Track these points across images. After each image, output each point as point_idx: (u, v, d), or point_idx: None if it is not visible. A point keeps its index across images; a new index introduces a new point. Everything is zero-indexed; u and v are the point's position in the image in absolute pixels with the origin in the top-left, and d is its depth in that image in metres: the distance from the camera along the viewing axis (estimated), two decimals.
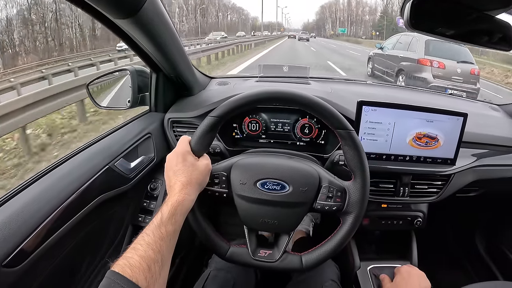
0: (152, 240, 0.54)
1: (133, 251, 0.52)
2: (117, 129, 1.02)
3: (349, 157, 0.73)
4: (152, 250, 0.53)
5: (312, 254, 0.74)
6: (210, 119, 0.72)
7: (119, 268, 0.48)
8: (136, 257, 0.50)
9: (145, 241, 0.54)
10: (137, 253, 0.51)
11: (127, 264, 0.49)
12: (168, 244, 0.56)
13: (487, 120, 1.31)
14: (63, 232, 0.72)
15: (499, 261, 1.47)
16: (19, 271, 0.62)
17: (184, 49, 1.05)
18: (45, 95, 4.37)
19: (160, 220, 0.57)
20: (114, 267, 0.49)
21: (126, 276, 0.47)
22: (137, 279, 0.48)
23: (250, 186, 0.73)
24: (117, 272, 0.48)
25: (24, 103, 3.96)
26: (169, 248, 0.57)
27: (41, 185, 0.74)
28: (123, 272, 0.48)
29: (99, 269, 0.94)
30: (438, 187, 1.07)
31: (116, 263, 0.50)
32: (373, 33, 66.40)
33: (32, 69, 13.61)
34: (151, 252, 0.52)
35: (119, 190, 0.91)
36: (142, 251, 0.52)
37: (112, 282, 0.47)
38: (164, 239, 0.55)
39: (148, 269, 0.50)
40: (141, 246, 0.53)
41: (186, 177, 0.65)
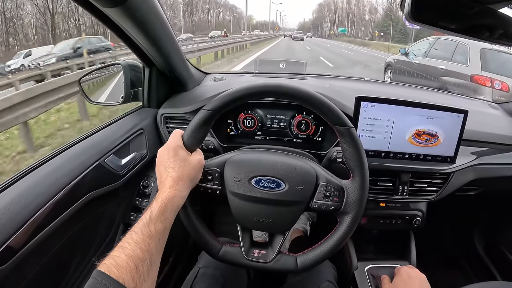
0: (141, 239, 0.51)
1: (120, 250, 0.49)
2: (108, 125, 0.99)
3: (348, 155, 0.71)
4: (140, 249, 0.50)
5: (307, 255, 0.71)
6: (203, 112, 0.69)
7: (105, 268, 0.46)
8: (123, 256, 0.48)
9: (133, 239, 0.51)
10: (125, 252, 0.49)
11: (114, 264, 0.47)
12: (157, 243, 0.54)
13: (487, 118, 1.30)
14: (51, 229, 0.70)
15: (497, 261, 1.45)
16: (5, 270, 0.60)
17: (178, 43, 1.02)
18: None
19: (149, 217, 0.55)
20: (100, 267, 0.47)
21: (112, 276, 0.45)
22: (124, 279, 0.46)
23: (244, 183, 0.70)
24: (103, 272, 0.45)
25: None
26: (158, 247, 0.54)
27: (29, 180, 0.72)
28: (109, 272, 0.45)
29: (89, 268, 0.92)
30: (438, 186, 1.06)
31: (102, 263, 0.47)
32: (376, 33, 60.73)
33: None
34: (139, 251, 0.50)
35: (109, 188, 0.88)
36: (129, 250, 0.49)
37: (98, 282, 0.44)
38: (153, 237, 0.53)
39: (135, 269, 0.48)
40: (129, 244, 0.50)
41: (177, 172, 0.63)
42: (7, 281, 0.61)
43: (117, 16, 0.76)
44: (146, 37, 0.87)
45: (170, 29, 0.93)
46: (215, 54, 13.38)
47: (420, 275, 0.87)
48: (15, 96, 3.78)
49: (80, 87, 1.10)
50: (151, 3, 0.79)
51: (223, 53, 14.60)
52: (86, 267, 0.91)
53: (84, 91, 1.11)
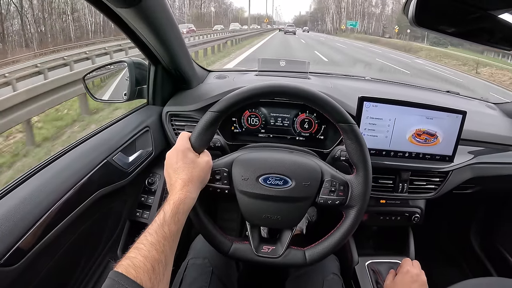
0: (156, 240, 0.53)
1: (136, 251, 0.50)
2: (115, 123, 1.00)
3: (351, 150, 0.73)
4: (156, 250, 0.51)
5: (315, 248, 0.74)
6: (210, 114, 0.71)
7: (123, 269, 0.47)
8: (140, 257, 0.49)
9: (148, 241, 0.52)
10: (141, 253, 0.50)
11: (131, 265, 0.48)
12: (171, 244, 0.55)
13: (484, 118, 1.32)
14: (62, 227, 0.70)
15: (493, 258, 1.48)
16: (17, 269, 0.60)
17: (184, 41, 1.03)
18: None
19: (163, 219, 0.56)
20: (118, 268, 0.48)
21: (130, 277, 0.46)
22: (142, 280, 0.47)
23: (252, 182, 0.72)
24: (121, 273, 0.46)
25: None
26: (172, 248, 0.56)
27: (39, 179, 0.72)
28: (127, 273, 0.46)
29: (97, 264, 0.93)
30: (436, 184, 1.08)
31: (119, 264, 0.48)
32: (396, 30, 51.21)
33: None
34: (155, 252, 0.51)
35: (117, 185, 0.89)
36: (145, 251, 0.51)
37: (116, 283, 0.45)
38: (167, 238, 0.54)
39: (152, 270, 0.49)
40: (144, 246, 0.51)
41: (187, 174, 0.64)
42: (20, 281, 0.62)
43: (129, 17, 0.77)
44: (156, 37, 0.88)
45: (178, 28, 0.94)
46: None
47: (422, 279, 0.89)
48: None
49: (84, 84, 1.10)
50: (163, 4, 0.80)
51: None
52: (95, 264, 0.92)
53: (88, 88, 1.11)
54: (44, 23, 30.55)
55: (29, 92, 3.93)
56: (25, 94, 3.86)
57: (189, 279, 0.84)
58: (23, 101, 3.76)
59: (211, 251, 0.85)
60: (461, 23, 0.72)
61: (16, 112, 3.66)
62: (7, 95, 3.83)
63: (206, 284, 0.82)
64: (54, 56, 11.74)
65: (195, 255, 0.90)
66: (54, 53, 16.08)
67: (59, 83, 4.47)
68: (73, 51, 14.16)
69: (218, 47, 13.58)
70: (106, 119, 4.63)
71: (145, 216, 1.03)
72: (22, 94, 3.84)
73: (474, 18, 0.71)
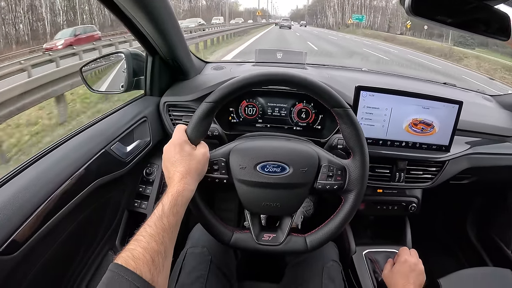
0: (155, 232, 0.53)
1: (136, 243, 0.51)
2: (113, 113, 1.00)
3: (347, 135, 0.73)
4: (155, 241, 0.52)
5: (316, 234, 0.74)
6: (205, 105, 0.71)
7: (123, 261, 0.47)
8: (140, 249, 0.50)
9: (147, 232, 0.53)
10: (140, 245, 0.50)
11: (131, 256, 0.48)
12: (170, 236, 0.56)
13: (481, 109, 1.33)
14: (60, 217, 0.70)
15: (489, 247, 1.50)
16: (15, 259, 0.60)
17: (182, 32, 1.03)
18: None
19: (161, 211, 0.57)
20: (117, 259, 0.48)
21: (129, 268, 0.47)
22: (141, 271, 0.47)
23: (250, 170, 0.72)
24: (121, 265, 0.47)
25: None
26: (171, 240, 0.56)
27: (37, 169, 0.72)
28: (127, 265, 0.47)
29: (96, 254, 0.94)
30: (433, 173, 1.09)
31: (119, 256, 0.49)
32: (408, 25, 41.61)
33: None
34: (154, 244, 0.51)
35: (115, 175, 0.89)
36: (145, 242, 0.51)
37: (116, 274, 0.46)
38: (166, 230, 0.55)
39: (152, 261, 0.49)
40: (144, 238, 0.52)
41: (184, 167, 0.64)
42: (18, 270, 0.62)
43: (128, 6, 0.77)
44: (154, 27, 0.87)
45: (176, 19, 0.94)
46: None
47: (419, 269, 0.90)
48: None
49: (81, 75, 1.10)
50: None
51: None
52: (94, 253, 0.93)
53: (85, 80, 1.11)
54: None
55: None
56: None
57: (188, 267, 0.84)
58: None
59: (209, 240, 0.86)
60: (458, 13, 0.73)
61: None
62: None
63: (205, 273, 0.83)
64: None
65: (194, 244, 0.90)
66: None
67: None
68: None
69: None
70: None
71: (143, 206, 1.04)
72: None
73: (470, 8, 0.71)
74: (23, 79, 4.48)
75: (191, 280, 0.81)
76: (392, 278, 0.91)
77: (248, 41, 16.45)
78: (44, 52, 12.12)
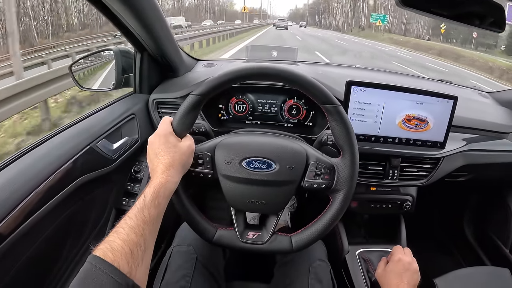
0: (135, 224, 0.52)
1: (115, 235, 0.50)
2: (99, 110, 0.99)
3: (337, 133, 0.71)
4: (135, 233, 0.51)
5: (302, 234, 0.72)
6: (191, 97, 0.70)
7: (101, 252, 0.47)
8: (118, 241, 0.49)
9: (127, 224, 0.52)
10: (119, 237, 0.49)
11: (109, 248, 0.47)
12: (151, 228, 0.55)
13: (477, 106, 1.31)
14: (42, 213, 0.69)
15: (486, 246, 1.48)
16: None
17: (170, 28, 1.02)
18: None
19: (143, 203, 0.56)
20: (96, 251, 0.47)
21: (107, 260, 0.46)
22: (119, 263, 0.46)
23: (235, 166, 0.71)
24: (98, 257, 0.46)
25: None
26: (152, 233, 0.55)
27: (19, 165, 0.71)
28: (105, 257, 0.46)
29: (82, 252, 0.93)
30: (428, 171, 1.07)
31: (97, 247, 0.48)
32: (442, 30, 30.93)
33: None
34: (134, 236, 0.50)
35: (101, 172, 0.88)
36: (124, 234, 0.50)
37: (93, 267, 0.45)
38: (147, 222, 0.54)
39: (130, 254, 0.48)
40: (123, 229, 0.51)
41: (168, 158, 0.63)
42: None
43: (112, 2, 0.76)
44: (139, 22, 0.86)
45: (162, 14, 0.93)
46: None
47: (413, 267, 0.88)
48: None
49: (71, 73, 1.09)
50: None
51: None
52: (79, 252, 0.92)
53: (75, 78, 1.10)
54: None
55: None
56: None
57: (174, 266, 0.83)
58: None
59: (196, 238, 0.84)
60: (451, 5, 0.71)
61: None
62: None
63: (190, 272, 0.82)
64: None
65: (180, 242, 0.89)
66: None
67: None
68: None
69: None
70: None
71: (131, 204, 1.00)
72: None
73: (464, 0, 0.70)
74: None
75: (176, 278, 0.80)
76: (385, 278, 0.89)
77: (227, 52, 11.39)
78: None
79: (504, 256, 1.34)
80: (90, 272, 0.45)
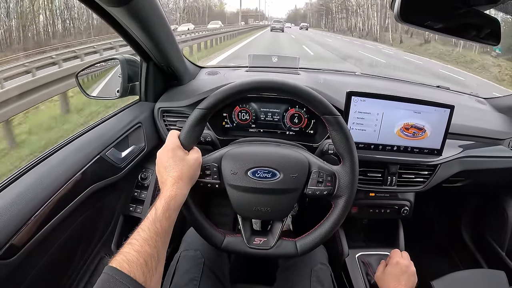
0: (148, 236, 0.55)
1: (129, 247, 0.53)
2: (108, 119, 1.02)
3: (337, 142, 0.75)
4: (148, 245, 0.53)
5: (306, 238, 0.76)
6: (198, 111, 0.73)
7: (117, 264, 0.49)
8: (133, 252, 0.51)
9: (141, 236, 0.54)
10: (134, 248, 0.52)
11: (125, 260, 0.50)
12: (163, 240, 0.57)
13: (474, 113, 1.34)
14: (56, 222, 0.71)
15: (483, 250, 1.51)
16: (13, 264, 0.61)
17: (175, 38, 1.04)
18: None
19: (154, 215, 0.58)
20: (112, 263, 0.50)
21: (124, 271, 0.48)
22: (135, 274, 0.49)
23: (242, 176, 0.74)
24: (115, 268, 0.48)
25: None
26: (164, 244, 0.58)
27: (34, 174, 0.73)
28: (121, 267, 0.49)
29: (92, 258, 0.95)
30: (425, 177, 1.10)
31: (113, 259, 0.51)
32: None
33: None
34: (148, 248, 0.53)
35: (110, 180, 0.91)
36: (138, 246, 0.53)
37: (111, 277, 0.47)
38: (159, 234, 0.56)
39: (145, 264, 0.51)
40: (137, 241, 0.54)
41: (177, 172, 0.66)
42: (15, 275, 0.63)
43: (120, 15, 0.78)
44: (146, 34, 0.88)
45: (169, 26, 0.95)
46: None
47: (411, 270, 0.91)
48: None
49: (77, 81, 1.11)
50: (154, 3, 0.81)
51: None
52: (90, 258, 0.94)
53: (81, 86, 1.12)
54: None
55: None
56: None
57: (182, 270, 0.86)
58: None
59: (203, 243, 0.87)
60: (447, 19, 0.73)
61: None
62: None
63: (198, 275, 0.85)
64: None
65: (187, 247, 0.92)
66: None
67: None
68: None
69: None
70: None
71: (138, 211, 1.05)
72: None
73: (460, 14, 0.72)
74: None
75: (185, 282, 0.83)
76: (384, 280, 0.92)
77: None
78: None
79: (500, 259, 1.36)
80: (108, 282, 0.47)
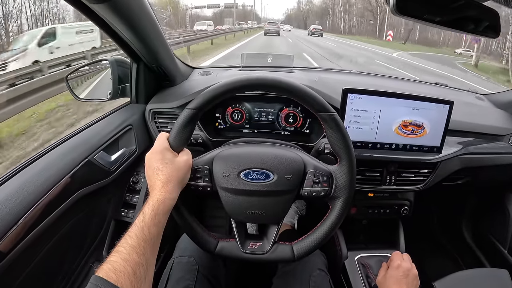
0: (136, 243, 0.52)
1: (117, 255, 0.50)
2: (97, 122, 0.99)
3: (333, 140, 0.71)
4: (136, 253, 0.51)
5: (303, 242, 0.72)
6: (187, 111, 0.69)
7: (104, 273, 0.47)
8: (120, 261, 0.49)
9: (128, 244, 0.52)
10: (121, 257, 0.50)
11: (111, 269, 0.48)
12: (151, 246, 0.55)
13: (473, 109, 1.32)
14: (42, 228, 0.69)
15: (485, 248, 1.48)
16: None
17: (165, 37, 1.02)
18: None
19: (142, 221, 0.56)
20: (99, 272, 0.47)
21: (111, 281, 0.46)
22: (122, 284, 0.46)
23: (234, 178, 0.71)
24: (102, 278, 0.46)
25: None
26: (153, 251, 0.56)
27: (18, 180, 0.71)
28: (108, 277, 0.46)
29: (83, 264, 0.92)
30: (425, 175, 1.07)
31: (100, 268, 0.48)
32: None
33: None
34: (135, 256, 0.51)
35: (100, 184, 0.88)
36: (126, 254, 0.50)
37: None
38: (147, 241, 0.54)
39: (133, 273, 0.49)
40: (125, 249, 0.51)
41: (165, 175, 0.63)
42: (1, 281, 0.61)
43: (104, 12, 0.75)
44: (133, 33, 0.86)
45: (157, 23, 0.92)
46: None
47: (412, 273, 0.88)
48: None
49: (67, 84, 1.08)
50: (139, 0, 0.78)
51: None
52: (81, 264, 0.91)
53: (71, 88, 1.09)
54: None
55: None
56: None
57: (175, 278, 0.83)
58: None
59: (196, 249, 0.85)
60: (445, 11, 0.71)
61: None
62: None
63: (192, 283, 0.82)
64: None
65: (180, 253, 0.89)
66: None
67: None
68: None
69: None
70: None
71: (130, 216, 1.02)
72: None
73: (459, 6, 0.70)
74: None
75: None
76: (385, 284, 0.89)
77: None
78: None
79: (502, 257, 1.34)
80: None
